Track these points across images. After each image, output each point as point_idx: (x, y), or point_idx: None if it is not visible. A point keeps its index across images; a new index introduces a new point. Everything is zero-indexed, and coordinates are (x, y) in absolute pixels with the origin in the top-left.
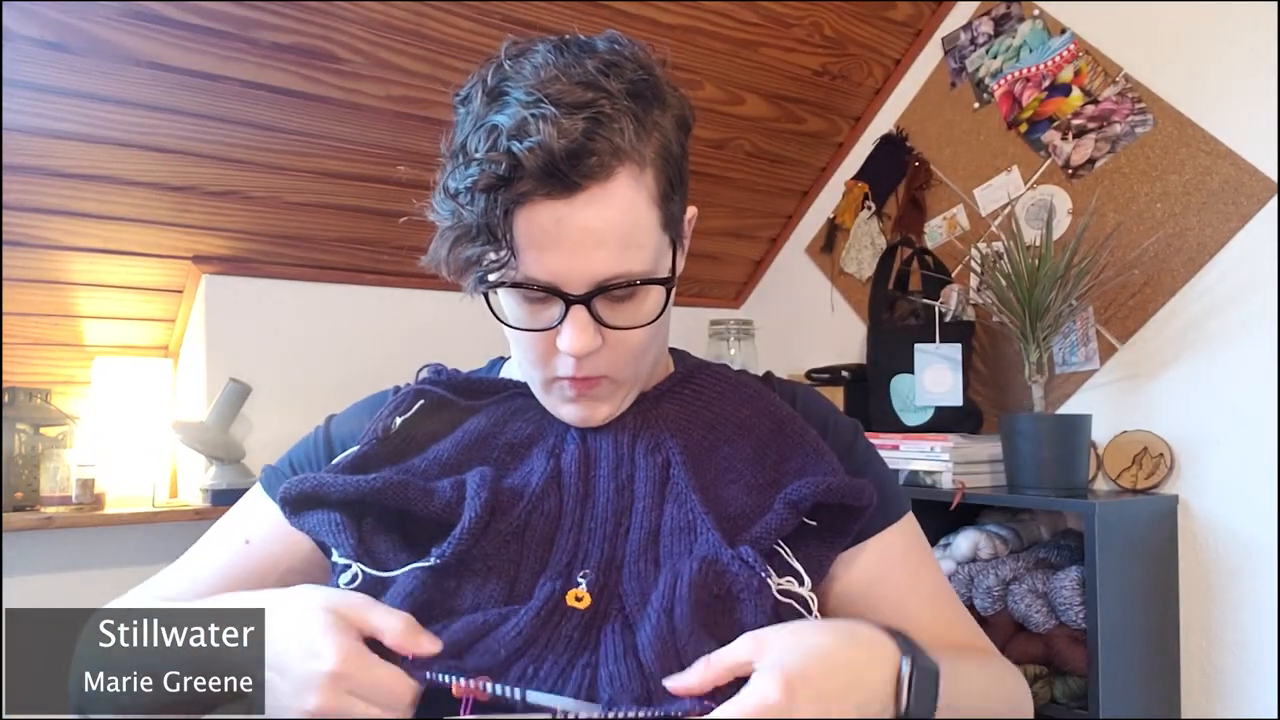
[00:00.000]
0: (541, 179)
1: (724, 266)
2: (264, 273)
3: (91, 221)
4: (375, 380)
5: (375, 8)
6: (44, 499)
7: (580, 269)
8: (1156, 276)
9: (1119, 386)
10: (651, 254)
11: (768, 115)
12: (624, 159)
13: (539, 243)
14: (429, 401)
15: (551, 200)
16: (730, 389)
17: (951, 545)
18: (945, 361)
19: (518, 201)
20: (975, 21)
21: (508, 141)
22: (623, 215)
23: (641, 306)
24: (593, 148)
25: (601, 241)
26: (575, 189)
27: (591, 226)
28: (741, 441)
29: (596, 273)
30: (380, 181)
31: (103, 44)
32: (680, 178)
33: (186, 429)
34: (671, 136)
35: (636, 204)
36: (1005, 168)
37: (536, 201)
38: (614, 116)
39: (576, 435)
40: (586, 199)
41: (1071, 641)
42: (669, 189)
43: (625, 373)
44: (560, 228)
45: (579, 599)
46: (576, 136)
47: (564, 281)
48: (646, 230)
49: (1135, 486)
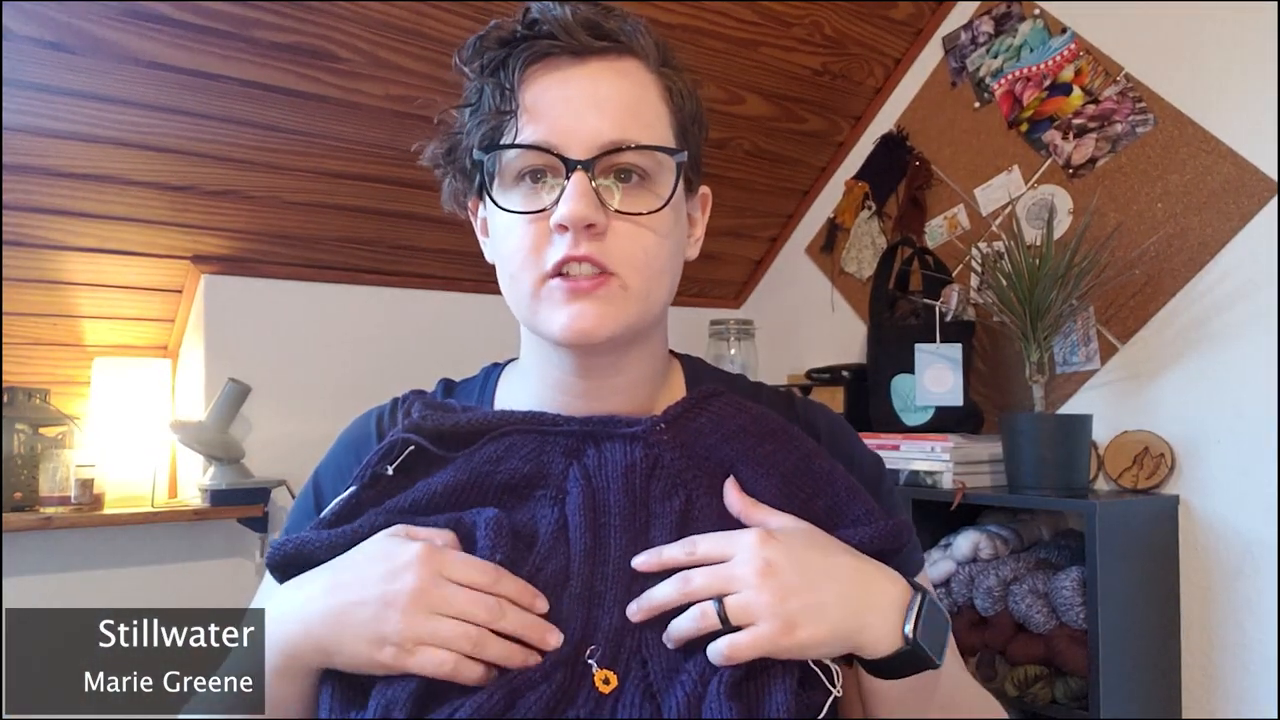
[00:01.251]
0: (559, 34)
1: (724, 266)
2: (263, 272)
3: (91, 221)
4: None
5: (375, 7)
6: (43, 499)
7: (582, 128)
8: (1157, 276)
9: (1120, 386)
10: (661, 137)
11: (768, 115)
12: (634, 51)
13: (544, 103)
14: (417, 449)
15: (564, 60)
16: (751, 422)
17: (952, 545)
18: (946, 361)
19: (528, 56)
20: (976, 21)
21: (526, 10)
22: (631, 86)
23: (650, 192)
24: (608, 28)
25: (607, 102)
26: (587, 51)
27: (600, 89)
28: (766, 480)
29: (600, 133)
30: (380, 181)
31: (102, 44)
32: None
33: (185, 429)
34: (687, 92)
35: (646, 86)
36: (1006, 167)
37: (549, 60)
38: (628, 19)
39: (579, 476)
40: (597, 63)
41: (1072, 642)
42: (681, 101)
43: (634, 277)
44: (566, 86)
45: (606, 681)
46: (594, 16)
47: (564, 144)
48: (655, 114)
49: (1136, 487)
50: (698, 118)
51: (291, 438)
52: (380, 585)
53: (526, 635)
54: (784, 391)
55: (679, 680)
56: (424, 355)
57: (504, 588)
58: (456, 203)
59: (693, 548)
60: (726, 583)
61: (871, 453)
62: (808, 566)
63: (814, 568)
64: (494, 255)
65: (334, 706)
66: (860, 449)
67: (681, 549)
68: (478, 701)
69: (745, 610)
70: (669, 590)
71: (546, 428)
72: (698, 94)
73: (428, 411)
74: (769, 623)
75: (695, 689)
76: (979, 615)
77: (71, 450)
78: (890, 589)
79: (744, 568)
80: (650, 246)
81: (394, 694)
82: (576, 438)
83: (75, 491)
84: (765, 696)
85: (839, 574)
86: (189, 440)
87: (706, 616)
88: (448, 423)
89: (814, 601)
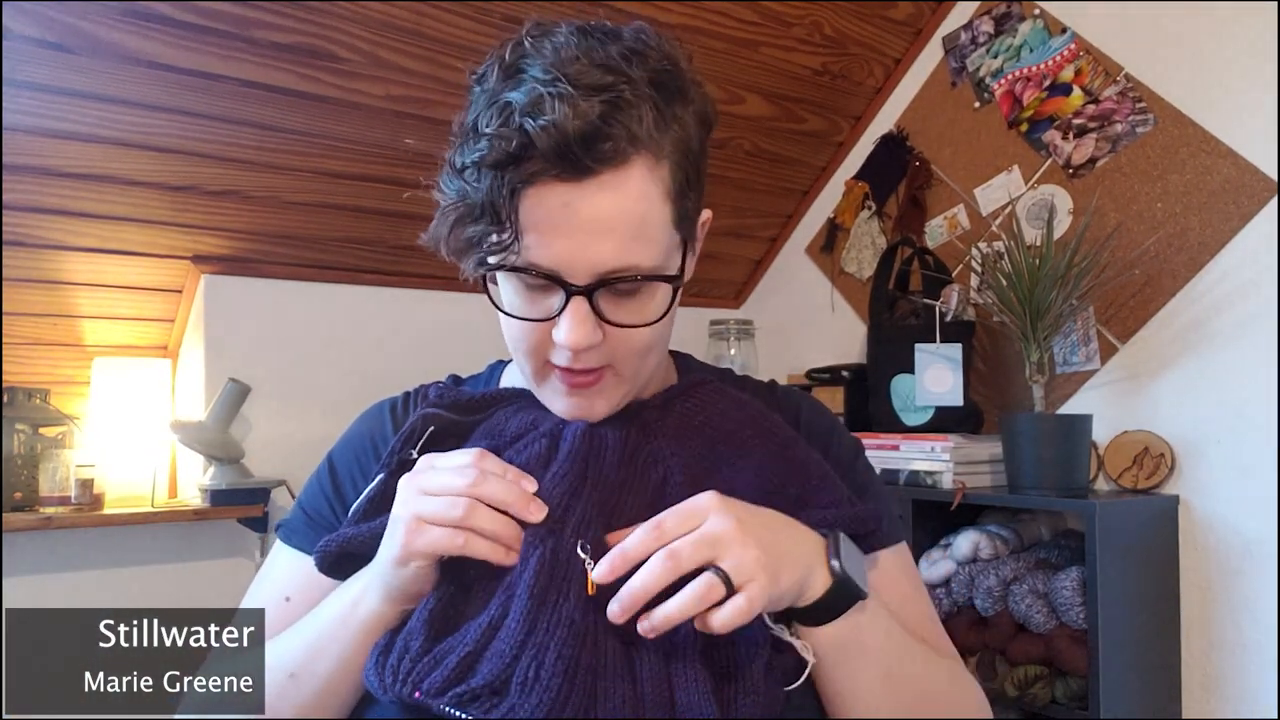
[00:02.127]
0: (552, 159)
1: (724, 266)
2: (263, 272)
3: (91, 221)
4: (375, 380)
5: (375, 7)
6: (43, 499)
7: (585, 258)
8: (1157, 276)
9: (1120, 386)
10: (661, 250)
11: (768, 115)
12: (640, 148)
13: (544, 227)
14: (438, 427)
15: (561, 183)
16: (732, 408)
17: (952, 545)
18: (946, 361)
19: (526, 181)
20: (976, 21)
21: (520, 118)
22: (634, 205)
23: (647, 304)
24: (608, 132)
25: (610, 230)
26: (587, 173)
27: (601, 214)
28: (741, 463)
29: (602, 263)
30: (380, 181)
31: (102, 44)
32: (698, 176)
33: (185, 429)
34: (692, 132)
35: (649, 195)
36: (1006, 167)
37: (545, 183)
38: (633, 103)
39: (577, 427)
40: (598, 185)
41: (1072, 642)
42: (684, 185)
43: (626, 369)
44: (568, 212)
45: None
46: (593, 119)
47: (567, 270)
48: (658, 225)
49: (1136, 487)
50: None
51: (291, 438)
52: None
53: (507, 503)
54: (766, 382)
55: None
56: (424, 355)
57: (486, 464)
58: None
59: (659, 526)
60: (713, 547)
61: (850, 435)
62: (761, 520)
63: (765, 521)
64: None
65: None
66: (838, 430)
67: (648, 532)
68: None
69: (742, 570)
70: (657, 571)
71: None
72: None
73: (444, 390)
74: (761, 576)
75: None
76: (979, 615)
77: (71, 450)
78: (811, 533)
79: (724, 529)
80: (642, 345)
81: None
82: None
83: (75, 491)
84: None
85: (779, 524)
86: (189, 440)
87: (714, 587)
88: (463, 397)
89: (782, 550)
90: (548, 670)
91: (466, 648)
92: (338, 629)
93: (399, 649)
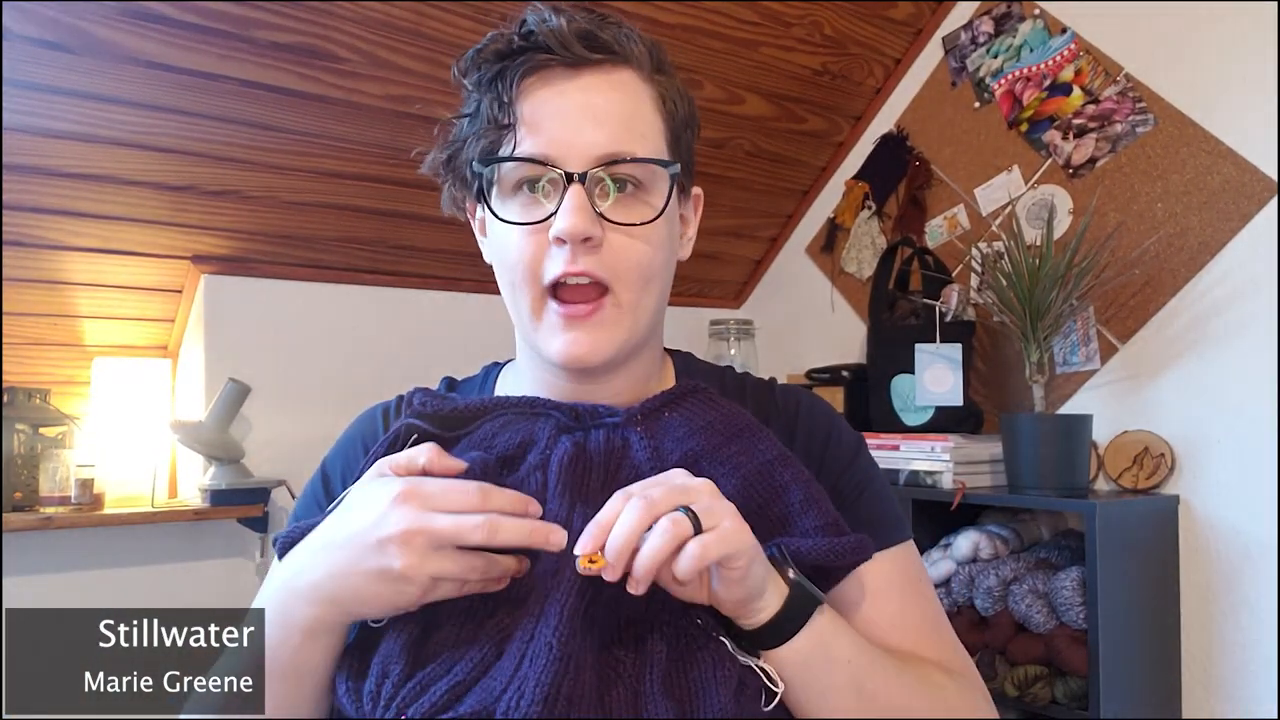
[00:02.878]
0: (554, 47)
1: (724, 266)
2: (263, 272)
3: (91, 221)
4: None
5: (375, 7)
6: (43, 499)
7: (579, 141)
8: (1157, 276)
9: (1120, 386)
10: (655, 148)
11: (768, 115)
12: (630, 62)
13: (541, 115)
14: (421, 436)
15: (559, 70)
16: (720, 419)
17: (952, 545)
18: (946, 361)
19: (526, 68)
20: (976, 21)
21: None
22: (626, 97)
23: (644, 206)
24: (602, 39)
25: (603, 117)
26: (582, 63)
27: (593, 99)
28: (726, 480)
29: (595, 145)
30: (380, 181)
31: (102, 44)
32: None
33: (185, 429)
34: (679, 93)
35: (640, 97)
36: (1006, 167)
37: (544, 72)
38: (624, 29)
39: (568, 443)
40: (591, 74)
41: (1072, 642)
42: (675, 116)
43: (626, 292)
44: (562, 98)
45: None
46: (587, 26)
47: (562, 156)
48: (649, 123)
49: (1136, 487)
50: (690, 122)
51: (291, 438)
52: (373, 531)
53: (530, 542)
54: (766, 381)
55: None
56: (424, 355)
57: (493, 502)
58: (456, 206)
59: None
60: (685, 494)
61: (852, 431)
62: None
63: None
64: (493, 258)
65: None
66: (839, 426)
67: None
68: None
69: (713, 513)
70: (634, 514)
71: (538, 410)
72: (690, 96)
73: (428, 399)
74: (731, 519)
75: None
76: (979, 615)
77: (71, 450)
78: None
79: (696, 483)
80: (644, 257)
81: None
82: (566, 419)
83: (75, 491)
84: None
85: None
86: (189, 440)
87: (679, 523)
88: (447, 408)
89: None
90: (528, 699)
91: (455, 678)
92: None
93: (376, 674)
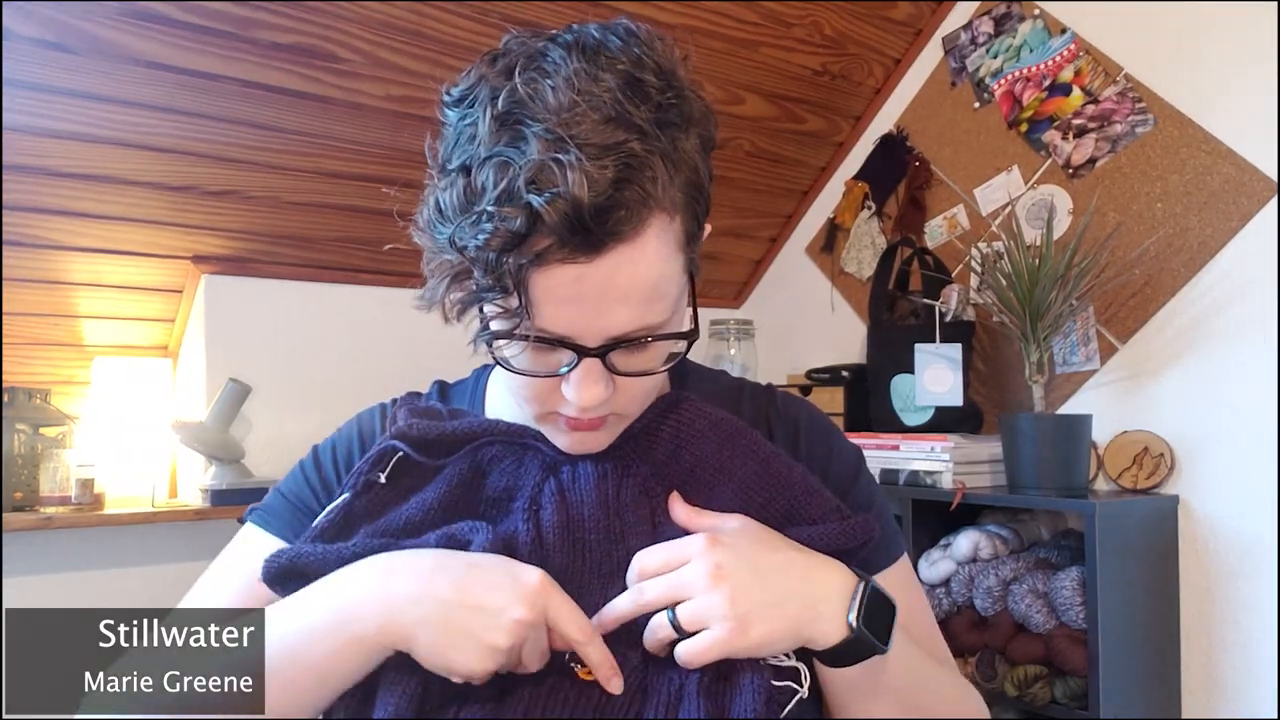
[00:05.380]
0: (564, 236)
1: (724, 266)
2: (263, 272)
3: (91, 221)
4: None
5: (375, 7)
6: (43, 499)
7: (599, 325)
8: (1157, 276)
9: (1119, 386)
10: (673, 302)
11: (768, 115)
12: (654, 208)
13: (556, 298)
14: (404, 455)
15: (574, 261)
16: (710, 428)
17: (952, 545)
18: (945, 361)
19: (536, 261)
20: (975, 21)
21: (526, 192)
22: (649, 271)
23: (658, 354)
24: (622, 199)
25: (625, 299)
26: (601, 248)
27: (616, 285)
28: (723, 486)
29: (616, 328)
30: (380, 181)
31: (102, 44)
32: (706, 207)
33: (186, 429)
34: (699, 163)
35: (665, 256)
36: (1005, 167)
37: (557, 262)
38: (644, 159)
39: (554, 491)
40: (613, 258)
41: (1072, 642)
42: (696, 227)
43: (631, 410)
44: (582, 285)
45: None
46: (605, 189)
47: (580, 336)
48: (671, 280)
49: (1136, 487)
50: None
51: (291, 438)
52: (502, 597)
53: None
54: (764, 387)
55: (667, 677)
56: (424, 355)
57: (591, 652)
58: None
59: (642, 564)
60: (678, 590)
61: (851, 445)
62: (756, 565)
63: (762, 566)
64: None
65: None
66: (839, 441)
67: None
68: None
69: (695, 617)
70: (624, 604)
71: (528, 441)
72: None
73: (414, 420)
74: (721, 625)
75: (679, 687)
76: (979, 615)
77: (71, 450)
78: (835, 579)
79: (694, 573)
80: (650, 386)
81: (397, 700)
82: (553, 452)
83: (75, 491)
84: (735, 697)
85: (787, 569)
86: (189, 440)
87: (662, 628)
88: (433, 432)
89: (765, 599)
90: None
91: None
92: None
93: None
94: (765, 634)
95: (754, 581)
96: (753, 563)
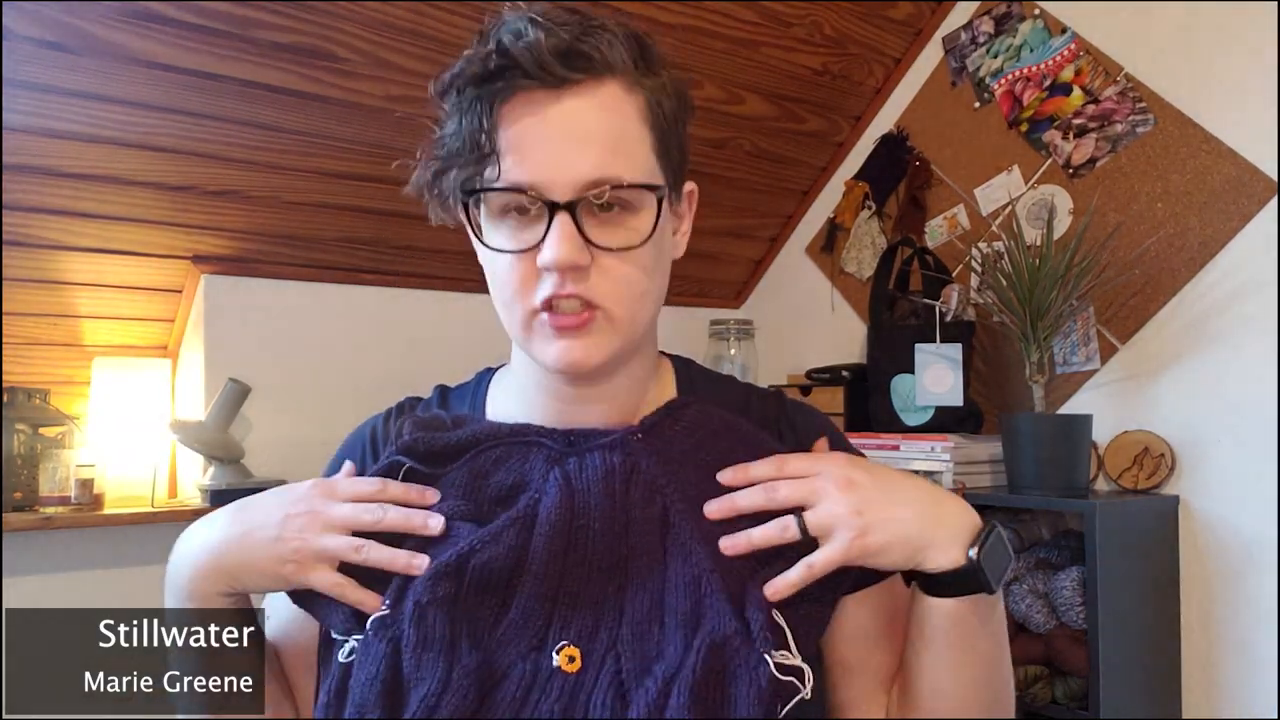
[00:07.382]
0: (530, 69)
1: (724, 266)
2: (263, 273)
3: (90, 221)
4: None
5: (375, 7)
6: (43, 499)
7: (564, 168)
8: (1157, 276)
9: (1120, 386)
10: (642, 170)
11: (768, 115)
12: (615, 72)
13: (522, 142)
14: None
15: (538, 92)
16: (723, 429)
17: None
18: (946, 361)
19: (504, 93)
20: (976, 21)
21: (497, 37)
22: (610, 116)
23: (632, 227)
24: (583, 49)
25: (587, 139)
26: (563, 82)
27: (576, 123)
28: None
29: (581, 174)
30: (380, 181)
31: (102, 44)
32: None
33: (185, 429)
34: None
35: (625, 112)
36: (1006, 167)
37: (522, 95)
38: (608, 37)
39: (559, 478)
40: (573, 94)
41: (1072, 642)
42: (663, 120)
43: (617, 308)
44: (544, 124)
45: (571, 660)
46: (567, 39)
47: (546, 184)
48: (636, 141)
49: (1136, 487)
50: (680, 116)
51: (291, 438)
52: (280, 511)
53: (409, 526)
54: (773, 393)
55: (648, 679)
56: (423, 355)
57: (390, 493)
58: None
59: (782, 463)
60: (810, 494)
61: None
62: (888, 484)
63: (894, 486)
64: (485, 268)
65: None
66: (845, 448)
67: (771, 465)
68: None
69: (823, 523)
70: (755, 496)
71: (531, 439)
72: (682, 86)
73: (419, 434)
74: (844, 532)
75: (662, 688)
76: None
77: (71, 450)
78: (964, 516)
79: (826, 481)
80: (633, 278)
81: (364, 695)
82: (559, 447)
83: (75, 491)
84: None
85: (917, 494)
86: (189, 440)
87: (788, 529)
88: (438, 443)
89: (889, 515)
90: None
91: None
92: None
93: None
94: (884, 542)
95: (883, 496)
96: (884, 481)
